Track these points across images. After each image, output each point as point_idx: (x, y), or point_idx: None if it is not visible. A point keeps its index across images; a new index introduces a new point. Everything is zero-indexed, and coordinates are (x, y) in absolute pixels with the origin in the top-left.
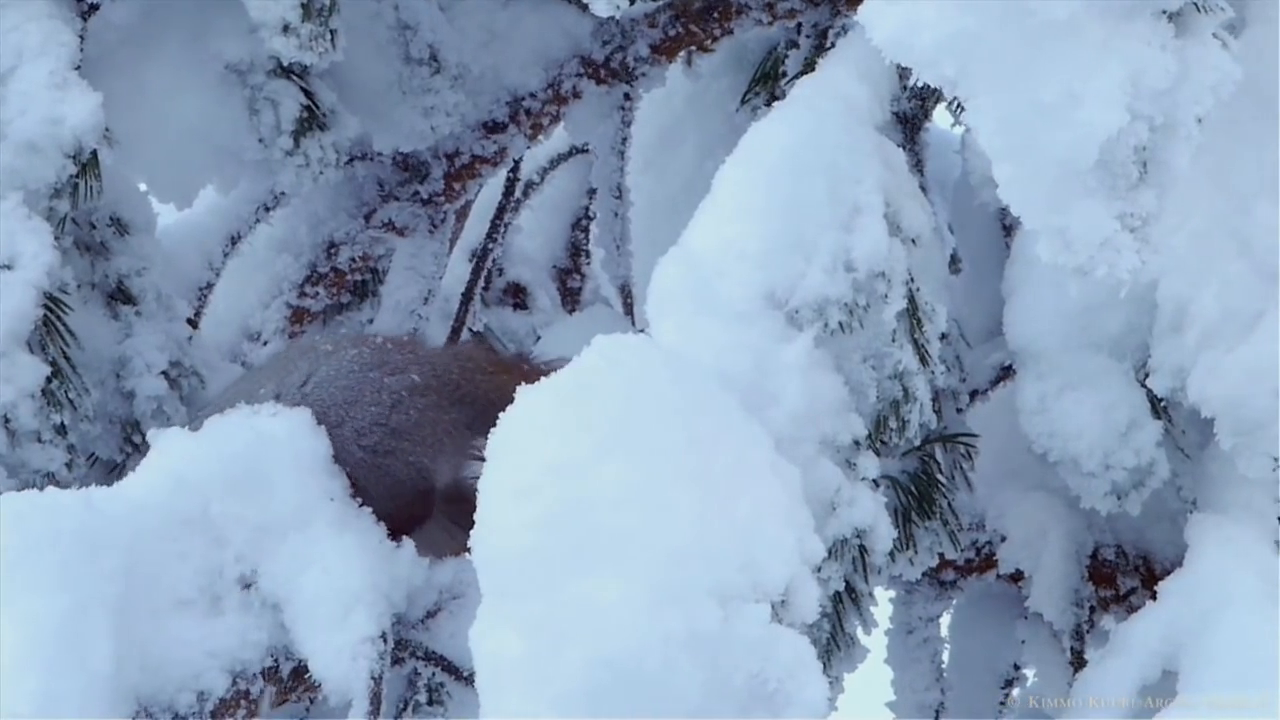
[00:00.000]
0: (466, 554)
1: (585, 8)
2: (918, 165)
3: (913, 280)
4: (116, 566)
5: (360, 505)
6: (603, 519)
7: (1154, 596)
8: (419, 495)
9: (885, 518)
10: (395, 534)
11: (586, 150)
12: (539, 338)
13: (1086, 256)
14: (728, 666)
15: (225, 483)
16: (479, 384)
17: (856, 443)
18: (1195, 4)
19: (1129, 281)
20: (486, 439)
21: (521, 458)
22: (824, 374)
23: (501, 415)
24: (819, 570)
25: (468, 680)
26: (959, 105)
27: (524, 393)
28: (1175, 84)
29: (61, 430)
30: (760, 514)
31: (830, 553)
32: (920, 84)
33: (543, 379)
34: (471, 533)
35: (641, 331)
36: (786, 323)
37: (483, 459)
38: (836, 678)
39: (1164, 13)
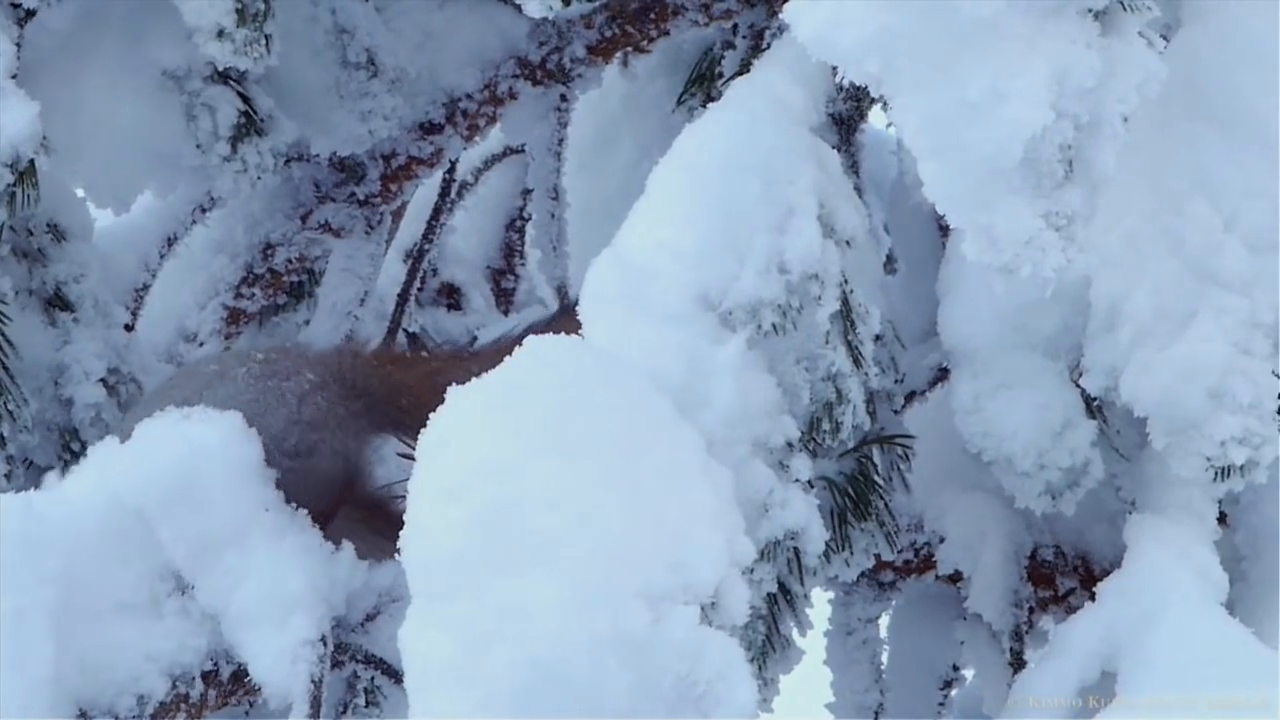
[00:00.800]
0: (393, 556)
1: (520, 9)
2: (853, 166)
3: (847, 282)
4: (56, 569)
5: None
6: (532, 520)
7: (1093, 597)
8: (349, 484)
9: (818, 519)
10: (333, 531)
11: (522, 151)
12: (474, 338)
13: (1012, 255)
14: (656, 668)
15: (160, 499)
16: (369, 377)
17: (789, 444)
18: (1121, 2)
19: (1054, 280)
20: (382, 433)
21: (451, 458)
22: (757, 376)
23: (432, 415)
24: (751, 572)
25: (404, 683)
26: (885, 103)
27: (455, 393)
28: (1101, 82)
29: (0, 441)
30: (690, 516)
31: (762, 554)
32: (852, 84)
33: (439, 371)
34: (401, 534)
35: (574, 332)
36: (719, 324)
37: (409, 457)
38: (772, 679)
39: (1089, 11)
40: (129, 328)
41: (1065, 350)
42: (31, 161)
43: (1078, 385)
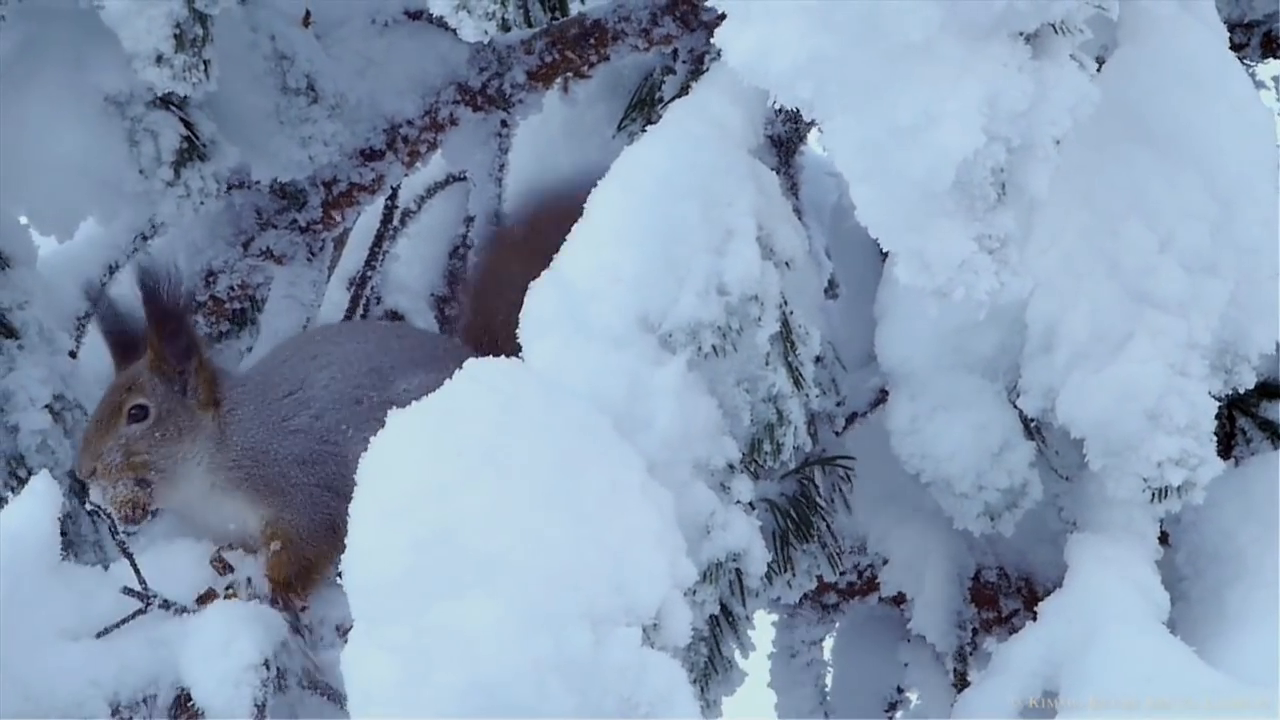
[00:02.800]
0: None
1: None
2: (792, 188)
3: (786, 303)
4: None
5: None
6: (473, 543)
7: (1035, 617)
8: None
9: (760, 540)
10: None
11: (464, 178)
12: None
13: (945, 278)
14: (599, 690)
15: None
16: None
17: (731, 466)
18: (1053, 25)
19: (987, 303)
20: None
21: (391, 482)
22: (697, 397)
23: (372, 439)
24: (693, 593)
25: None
26: (818, 127)
27: (395, 416)
28: (1033, 105)
29: None
30: (632, 537)
31: (704, 576)
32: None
33: None
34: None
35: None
36: (660, 346)
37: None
38: (715, 701)
39: (1021, 34)
40: (73, 354)
41: (1003, 371)
42: None
43: (1015, 406)
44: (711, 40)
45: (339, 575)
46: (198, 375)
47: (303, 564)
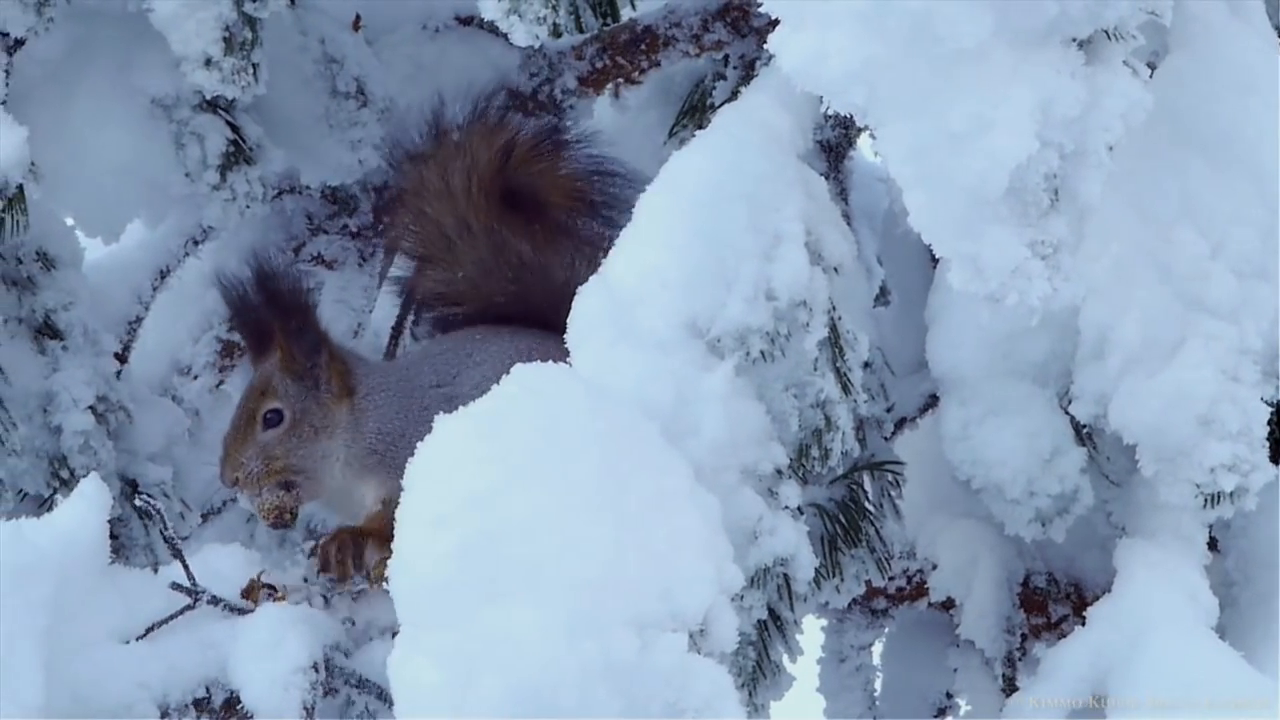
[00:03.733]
0: None
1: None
2: (841, 193)
3: (835, 309)
4: (46, 597)
5: None
6: (518, 549)
7: (1084, 623)
8: None
9: (807, 546)
10: None
11: None
12: None
13: (998, 284)
14: (644, 696)
15: None
16: None
17: (778, 471)
18: (1106, 32)
19: (1040, 309)
20: None
21: (437, 487)
22: (745, 403)
23: (419, 444)
24: (740, 599)
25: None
26: (871, 133)
27: (441, 422)
28: (1085, 111)
29: None
30: (678, 543)
31: (752, 581)
32: (834, 112)
33: None
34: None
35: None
36: (707, 351)
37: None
38: (762, 705)
39: (1074, 40)
40: (119, 357)
41: (1054, 377)
42: (20, 188)
43: (1067, 412)
44: (762, 46)
45: (387, 580)
46: (329, 368)
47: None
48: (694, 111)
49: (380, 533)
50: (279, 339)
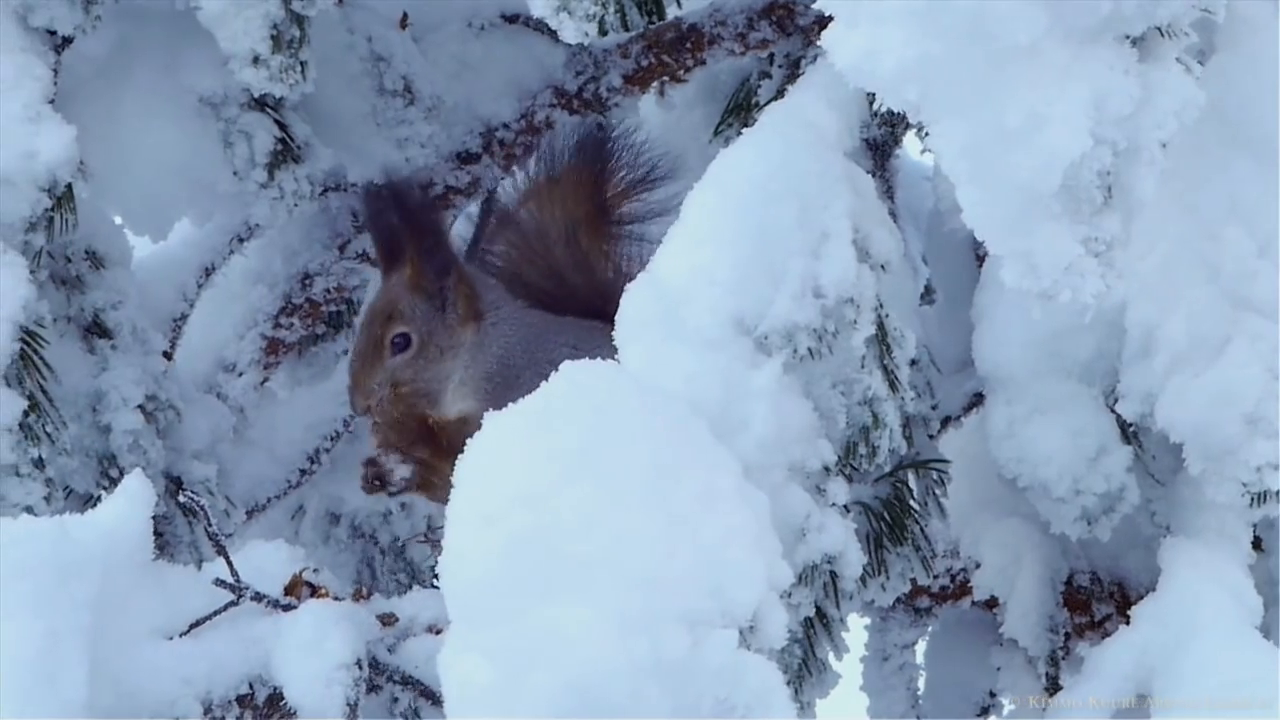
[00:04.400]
0: None
1: (558, 38)
2: (888, 191)
3: (882, 306)
4: (90, 594)
5: None
6: (569, 546)
7: (1129, 622)
8: None
9: (855, 544)
10: None
11: None
12: None
13: (1051, 281)
14: (695, 693)
15: None
16: None
17: (826, 468)
18: (1159, 29)
19: (1094, 306)
20: None
21: (488, 485)
22: (793, 400)
23: (469, 441)
24: (788, 596)
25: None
26: (924, 130)
27: (491, 419)
28: (1139, 108)
29: (39, 464)
30: (728, 540)
31: (800, 578)
32: (888, 110)
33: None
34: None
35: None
36: (755, 349)
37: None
38: (808, 703)
39: (1127, 37)
40: (167, 355)
41: (1100, 376)
42: (69, 186)
43: (1113, 411)
44: (808, 45)
45: (435, 577)
46: (457, 290)
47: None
48: (739, 110)
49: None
50: (411, 255)
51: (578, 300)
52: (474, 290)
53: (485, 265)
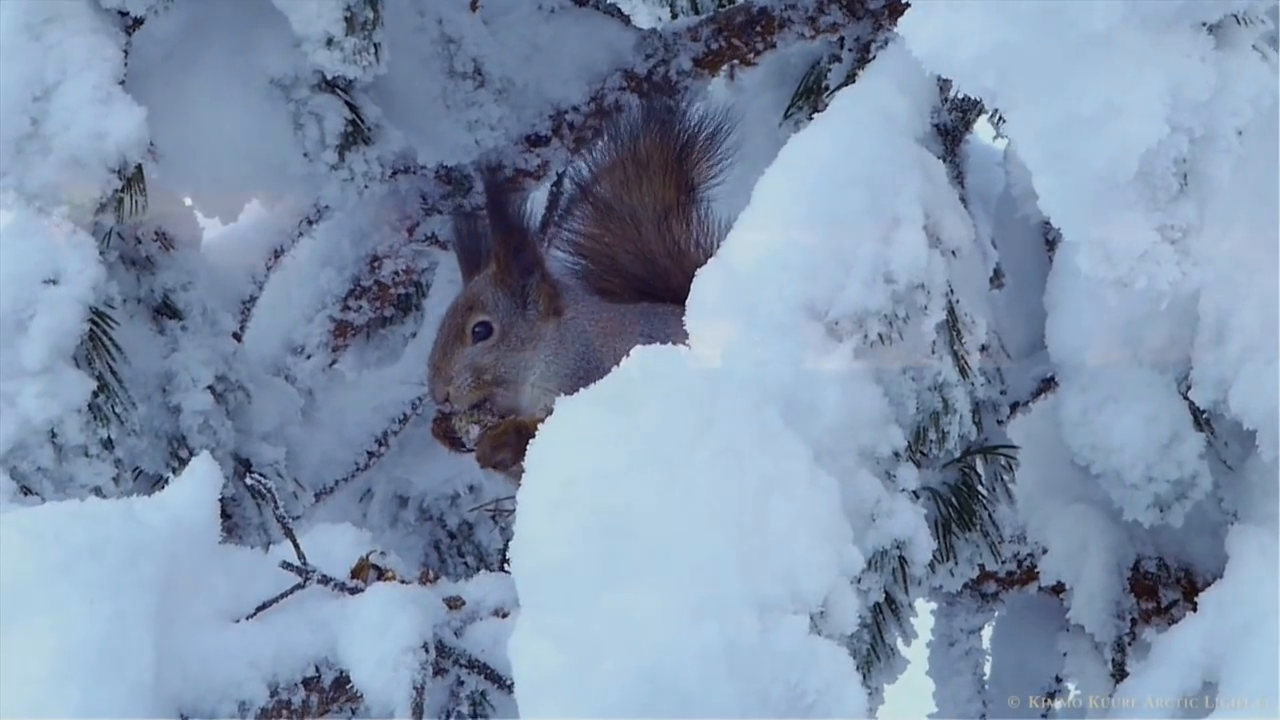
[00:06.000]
0: None
1: (628, 21)
2: (958, 177)
3: (952, 292)
4: (157, 576)
5: None
6: (639, 531)
7: (1195, 608)
8: None
9: (925, 529)
10: None
11: None
12: None
13: (1126, 269)
14: (766, 678)
15: None
16: None
17: (896, 454)
18: (1235, 16)
19: (1169, 294)
20: None
21: (559, 470)
22: (864, 385)
23: (540, 427)
24: (858, 581)
25: (511, 689)
26: (1000, 117)
27: (563, 404)
28: (1215, 96)
29: (108, 445)
30: (798, 525)
31: (869, 564)
32: (961, 96)
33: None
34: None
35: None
36: (826, 334)
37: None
38: (876, 689)
39: (1204, 25)
40: (236, 337)
41: (1173, 363)
42: (139, 168)
43: (1185, 398)
44: (878, 29)
45: (504, 560)
46: (539, 288)
47: None
48: (809, 94)
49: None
50: (497, 250)
51: (669, 283)
52: (555, 290)
53: (571, 247)
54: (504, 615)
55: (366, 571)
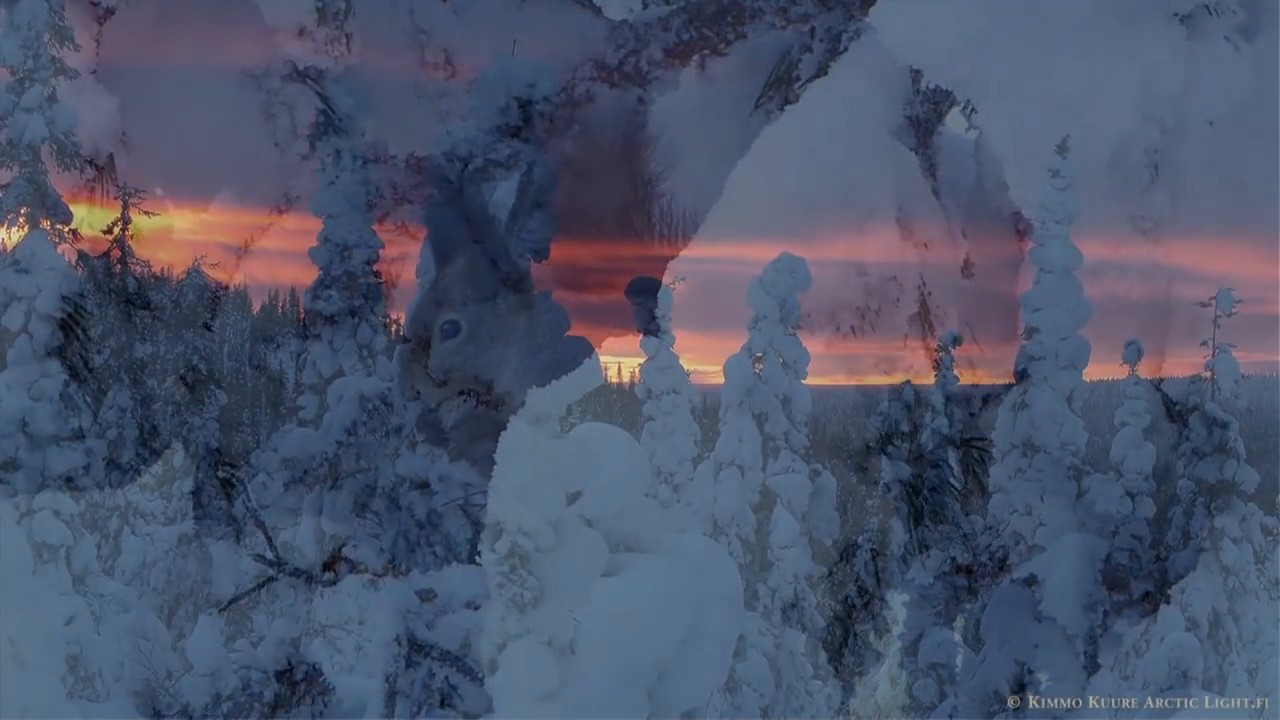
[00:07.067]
0: None
1: (599, 11)
2: (930, 169)
3: (924, 284)
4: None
5: None
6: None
7: (1168, 601)
8: None
9: (897, 521)
10: None
11: None
12: None
13: (1098, 259)
14: None
15: None
16: None
17: (868, 446)
18: (1207, 7)
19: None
20: None
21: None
22: (834, 377)
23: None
24: (830, 574)
25: (482, 682)
26: (972, 108)
27: (533, 396)
28: (1187, 86)
29: (79, 434)
30: None
31: (841, 556)
32: (933, 86)
33: None
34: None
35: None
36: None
37: None
38: (849, 681)
39: (1175, 15)
40: (208, 327)
41: (1145, 355)
42: (110, 156)
43: (1159, 390)
44: (849, 20)
45: (476, 553)
46: (505, 284)
47: None
48: (780, 84)
49: None
50: (463, 248)
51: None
52: (524, 282)
53: (525, 242)
54: (476, 607)
55: (339, 564)
